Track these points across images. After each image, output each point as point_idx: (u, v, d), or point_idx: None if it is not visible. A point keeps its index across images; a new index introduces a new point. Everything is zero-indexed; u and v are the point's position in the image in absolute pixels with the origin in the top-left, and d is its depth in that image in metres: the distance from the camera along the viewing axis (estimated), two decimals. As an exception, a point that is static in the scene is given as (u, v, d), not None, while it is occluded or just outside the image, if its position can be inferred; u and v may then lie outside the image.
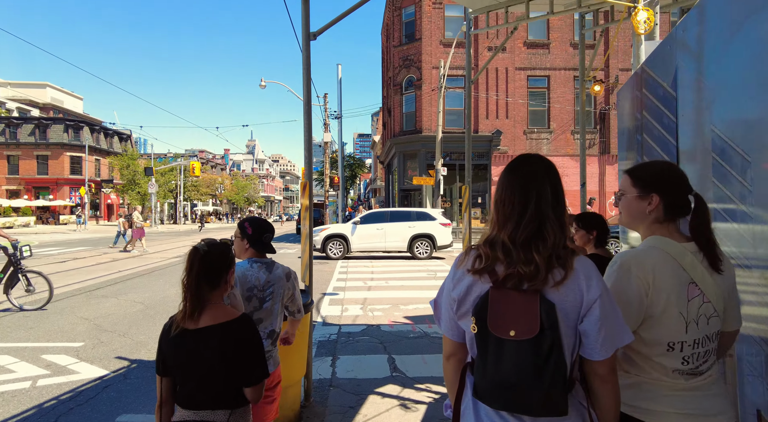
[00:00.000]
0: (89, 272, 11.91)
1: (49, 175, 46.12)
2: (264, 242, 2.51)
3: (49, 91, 70.39)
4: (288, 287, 2.53)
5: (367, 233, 15.00)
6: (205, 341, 1.67)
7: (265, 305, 2.42)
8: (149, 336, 5.97)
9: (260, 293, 2.41)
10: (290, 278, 2.56)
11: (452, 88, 20.94)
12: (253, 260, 2.48)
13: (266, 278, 2.44)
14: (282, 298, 2.50)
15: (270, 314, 2.44)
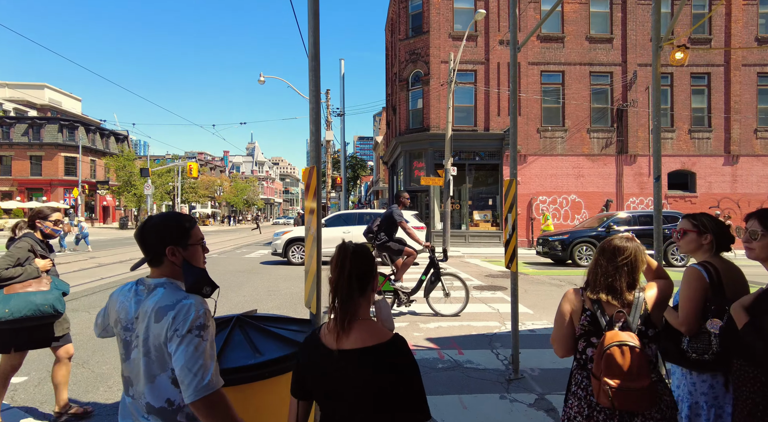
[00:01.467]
0: (66, 279, 10.58)
1: (42, 176, 45.00)
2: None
3: (47, 93, 69.42)
4: (158, 334, 1.51)
5: (333, 236, 13.65)
6: (354, 367, 1.36)
7: (133, 354, 1.57)
8: (114, 366, 4.80)
9: (125, 334, 1.60)
10: (164, 317, 1.49)
11: (463, 84, 19.82)
12: (141, 280, 1.66)
13: (136, 310, 1.58)
14: (149, 349, 1.52)
15: (137, 372, 1.57)
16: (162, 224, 1.62)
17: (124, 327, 1.57)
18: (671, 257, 13.75)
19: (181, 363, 1.42)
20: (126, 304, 1.58)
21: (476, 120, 20.20)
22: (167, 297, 1.51)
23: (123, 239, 26.52)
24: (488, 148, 20.15)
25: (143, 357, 1.50)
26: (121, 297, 1.62)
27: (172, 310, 1.47)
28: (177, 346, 1.43)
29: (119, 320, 1.59)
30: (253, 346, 2.44)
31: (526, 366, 4.86)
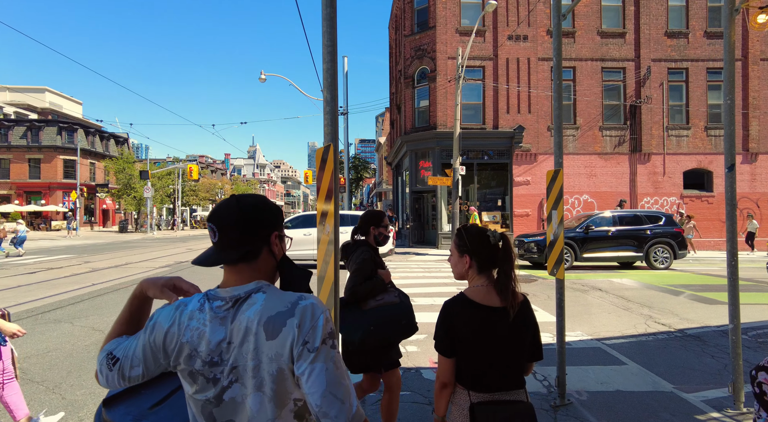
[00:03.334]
0: (55, 286, 10.06)
1: (41, 179, 44.40)
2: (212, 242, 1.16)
3: (47, 96, 69.11)
4: (277, 354, 1.07)
5: (295, 239, 13.22)
6: (516, 322, 1.73)
7: (229, 394, 1.08)
8: (90, 391, 4.10)
9: (211, 371, 1.08)
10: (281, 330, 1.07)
11: (471, 80, 19.14)
12: (210, 294, 1.15)
13: (224, 332, 1.09)
14: (263, 380, 1.07)
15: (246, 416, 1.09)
16: (263, 204, 1.18)
17: (209, 361, 1.06)
18: (653, 260, 13.01)
19: (323, 389, 1.01)
20: (202, 329, 1.07)
21: (485, 118, 19.51)
22: (274, 303, 1.08)
23: (121, 243, 25.85)
24: (497, 147, 19.44)
25: (254, 394, 1.05)
26: (188, 321, 1.09)
27: (292, 317, 1.05)
28: (310, 365, 1.02)
29: (196, 354, 1.07)
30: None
31: (569, 388, 4.16)
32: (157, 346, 1.11)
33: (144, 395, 1.78)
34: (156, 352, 1.11)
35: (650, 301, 8.35)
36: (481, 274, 1.84)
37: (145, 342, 1.12)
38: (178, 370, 1.13)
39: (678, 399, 3.94)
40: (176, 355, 1.10)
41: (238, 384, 1.07)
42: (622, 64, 19.82)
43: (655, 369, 4.70)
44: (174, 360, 1.11)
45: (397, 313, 2.85)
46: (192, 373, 1.09)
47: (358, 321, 2.80)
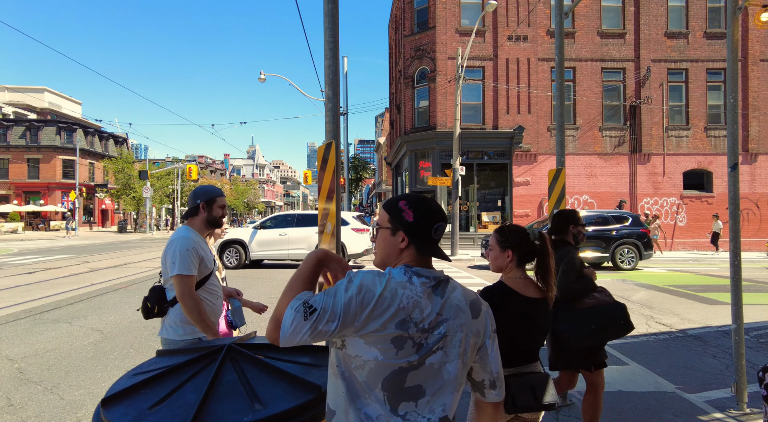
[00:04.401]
0: (54, 286, 10.02)
1: (40, 179, 44.32)
2: (434, 239, 1.33)
3: (47, 96, 68.92)
4: (478, 330, 1.32)
5: (269, 238, 13.36)
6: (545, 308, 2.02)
7: (431, 359, 1.22)
8: (89, 391, 4.07)
9: (421, 336, 1.21)
10: (480, 311, 1.33)
11: (471, 81, 19.12)
12: (413, 270, 1.29)
13: (435, 306, 1.24)
14: (466, 350, 1.28)
15: (440, 380, 1.25)
16: None
17: (421, 327, 1.20)
18: (619, 260, 13.02)
19: (498, 360, 1.36)
20: (416, 299, 1.21)
21: (484, 118, 19.50)
22: (467, 291, 1.33)
23: (120, 243, 25.79)
24: (497, 147, 19.43)
25: (457, 361, 1.24)
26: (404, 291, 1.21)
27: (483, 304, 1.35)
28: (493, 342, 1.35)
29: (409, 319, 1.19)
30: (250, 391, 1.72)
31: (571, 388, 4.13)
32: (365, 306, 1.18)
33: (144, 394, 1.76)
34: (359, 312, 1.18)
35: (651, 301, 8.33)
36: (519, 267, 2.09)
37: (350, 301, 1.18)
38: (368, 332, 1.18)
39: (680, 400, 3.92)
40: (388, 313, 1.18)
41: (442, 351, 1.22)
42: (622, 65, 19.82)
43: (656, 369, 4.68)
44: (386, 317, 1.18)
45: (617, 313, 2.84)
46: (400, 338, 1.18)
47: (576, 319, 2.80)
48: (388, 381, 1.20)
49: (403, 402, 1.21)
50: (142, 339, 5.75)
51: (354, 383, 1.23)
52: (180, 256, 2.34)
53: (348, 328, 1.20)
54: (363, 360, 1.20)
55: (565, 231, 3.11)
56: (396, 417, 1.20)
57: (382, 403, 1.20)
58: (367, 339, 1.19)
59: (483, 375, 1.34)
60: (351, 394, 1.23)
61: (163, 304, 2.52)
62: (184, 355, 2.09)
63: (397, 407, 1.21)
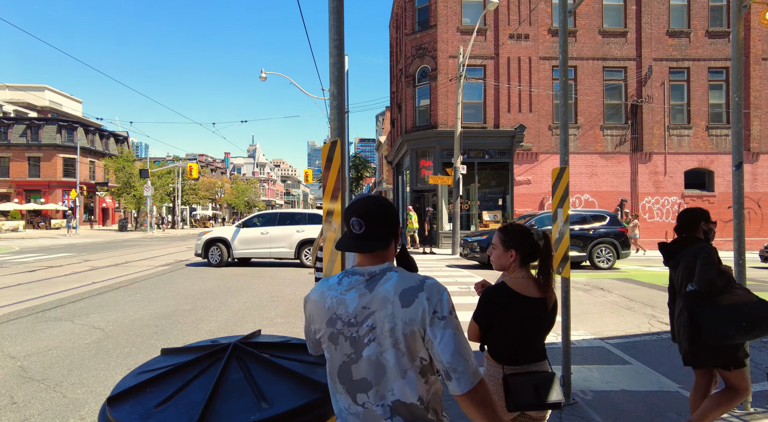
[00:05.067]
0: (55, 284, 10.02)
1: (41, 177, 44.34)
2: (353, 234, 1.41)
3: (47, 94, 68.84)
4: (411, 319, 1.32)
5: (251, 237, 13.66)
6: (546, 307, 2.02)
7: (366, 351, 1.32)
8: (91, 389, 4.06)
9: (351, 330, 1.34)
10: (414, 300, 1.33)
11: (472, 79, 19.10)
12: (348, 271, 1.43)
13: (362, 300, 1.35)
14: (398, 340, 1.31)
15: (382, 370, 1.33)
16: (389, 203, 1.45)
17: (347, 322, 1.32)
18: (596, 259, 13.01)
19: (452, 349, 1.25)
20: (341, 297, 1.34)
21: (486, 117, 19.47)
22: (406, 279, 1.33)
23: (120, 242, 25.79)
24: (498, 146, 19.42)
25: (391, 350, 1.28)
26: (329, 292, 1.37)
27: (422, 291, 1.30)
28: (442, 330, 1.27)
29: (336, 317, 1.34)
30: (257, 390, 1.71)
31: (574, 387, 4.13)
32: (308, 314, 1.43)
33: (150, 393, 1.75)
34: (308, 319, 1.43)
35: (653, 301, 8.32)
36: (522, 267, 2.10)
37: (304, 311, 1.45)
38: (318, 335, 1.39)
39: (684, 399, 3.91)
40: (322, 320, 1.36)
41: (375, 342, 1.29)
42: (624, 64, 19.79)
43: (659, 368, 4.67)
44: (319, 324, 1.37)
45: (765, 310, 2.73)
46: (332, 334, 1.33)
47: (725, 316, 2.70)
48: (341, 376, 1.35)
49: (358, 394, 1.32)
50: (144, 338, 5.75)
51: (329, 378, 1.41)
52: None
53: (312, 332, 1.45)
54: (326, 358, 1.40)
55: (695, 228, 3.07)
56: (357, 406, 1.33)
57: (344, 395, 1.35)
58: (320, 339, 1.40)
59: (438, 365, 1.29)
60: (330, 389, 1.42)
61: None
62: (189, 354, 2.08)
63: (355, 397, 1.33)
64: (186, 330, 6.13)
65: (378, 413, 1.30)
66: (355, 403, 1.33)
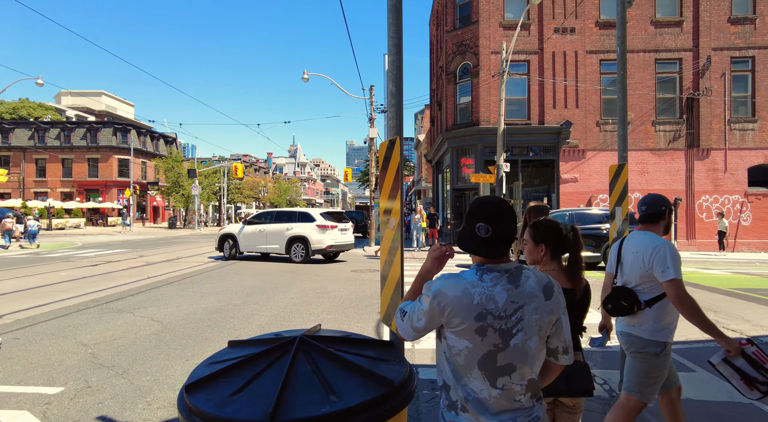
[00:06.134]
0: (115, 278, 10.62)
1: (99, 177, 47.13)
2: (481, 238, 1.54)
3: (104, 99, 73.20)
4: (552, 309, 1.56)
5: (252, 233, 14.76)
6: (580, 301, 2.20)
7: (514, 340, 1.49)
8: (155, 378, 4.27)
9: (500, 323, 1.48)
10: (553, 293, 1.57)
11: (515, 75, 18.67)
12: (483, 268, 1.55)
13: (509, 295, 1.49)
14: (541, 327, 1.54)
15: (524, 355, 1.52)
16: (511, 207, 1.62)
17: (497, 316, 1.46)
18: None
19: (570, 331, 1.61)
20: (488, 293, 1.48)
21: (530, 113, 18.99)
22: (540, 277, 1.55)
23: (170, 239, 27.02)
24: (543, 143, 18.89)
25: (535, 337, 1.50)
26: (474, 289, 1.48)
27: (555, 286, 1.57)
28: (566, 318, 1.59)
29: (487, 312, 1.47)
30: (325, 383, 1.74)
31: (634, 394, 3.94)
32: (443, 308, 1.49)
33: (223, 383, 1.82)
34: (440, 313, 1.51)
35: (716, 305, 7.85)
36: (553, 260, 2.23)
37: (430, 305, 1.51)
38: (453, 328, 1.49)
39: (760, 413, 3.65)
40: (469, 314, 1.46)
41: (522, 332, 1.47)
42: (678, 55, 18.75)
43: (727, 377, 4.38)
44: (465, 316, 1.46)
45: None
46: (481, 328, 1.45)
47: None
48: (482, 363, 1.47)
49: (500, 378, 1.48)
50: (199, 331, 5.99)
51: (456, 366, 1.52)
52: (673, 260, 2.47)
53: (436, 324, 1.55)
54: (458, 348, 1.49)
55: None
56: (496, 389, 1.48)
57: (482, 380, 1.48)
58: (456, 332, 1.49)
59: (557, 343, 1.58)
60: (455, 374, 1.53)
61: (638, 304, 2.63)
62: (256, 346, 2.14)
63: (495, 381, 1.48)
64: (238, 324, 6.34)
65: (516, 390, 1.50)
66: (494, 386, 1.49)
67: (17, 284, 9.63)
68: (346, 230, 14.80)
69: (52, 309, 7.17)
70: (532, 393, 1.53)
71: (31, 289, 9.07)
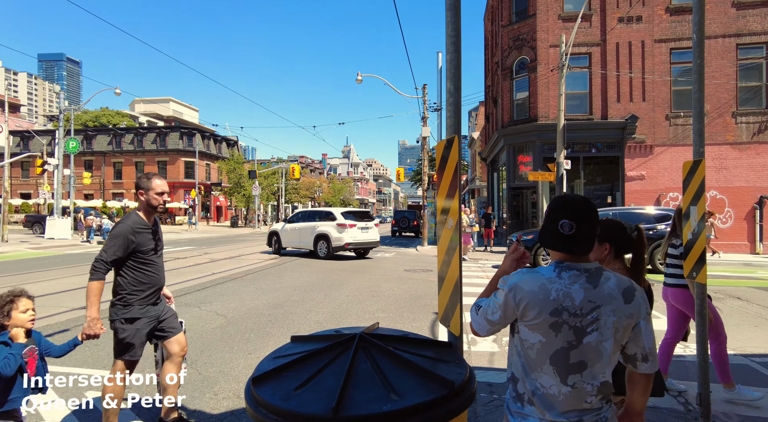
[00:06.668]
0: (183, 274, 11.31)
1: (167, 179, 50.36)
2: (564, 235, 1.53)
3: (171, 105, 78.22)
4: (631, 313, 1.53)
5: (290, 230, 16.00)
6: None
7: (587, 339, 1.49)
8: (220, 369, 4.50)
9: (576, 321, 1.48)
10: (634, 297, 1.54)
11: (576, 68, 17.86)
12: (563, 265, 1.56)
13: (587, 294, 1.50)
14: (618, 330, 1.51)
15: (599, 355, 1.51)
16: (594, 205, 1.62)
17: (573, 313, 1.48)
18: (657, 261, 11.25)
19: (652, 338, 1.55)
20: (566, 290, 1.49)
21: (592, 108, 18.09)
22: (622, 280, 1.54)
23: (232, 237, 28.38)
24: (606, 138, 17.93)
25: (611, 339, 1.49)
26: (552, 285, 1.51)
27: (636, 291, 1.53)
28: (647, 323, 1.54)
29: (563, 308, 1.48)
30: (385, 381, 1.74)
31: (714, 409, 3.64)
32: (519, 302, 1.51)
33: (287, 377, 1.87)
34: (515, 307, 1.53)
35: (807, 314, 7.09)
36: (616, 259, 2.25)
37: (505, 298, 1.55)
38: (528, 321, 1.50)
39: None
40: (544, 309, 1.47)
41: (597, 331, 1.47)
42: (765, 39, 17.09)
43: (825, 395, 3.95)
44: (538, 311, 1.48)
45: None
46: (556, 323, 1.47)
47: None
48: (554, 358, 1.49)
49: (571, 375, 1.49)
50: (260, 325, 6.24)
51: (527, 359, 1.54)
52: None
53: (510, 318, 1.57)
54: (531, 342, 1.52)
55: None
56: (566, 386, 1.49)
57: (552, 375, 1.50)
58: (530, 326, 1.51)
59: (636, 350, 1.54)
60: (525, 368, 1.55)
61: None
62: (317, 342, 2.19)
63: (566, 378, 1.49)
64: (297, 320, 6.54)
65: (587, 390, 1.50)
66: (564, 383, 1.50)
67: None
68: (367, 228, 15.27)
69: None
70: (603, 395, 1.53)
71: (109, 282, 9.84)
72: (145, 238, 3.15)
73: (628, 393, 1.66)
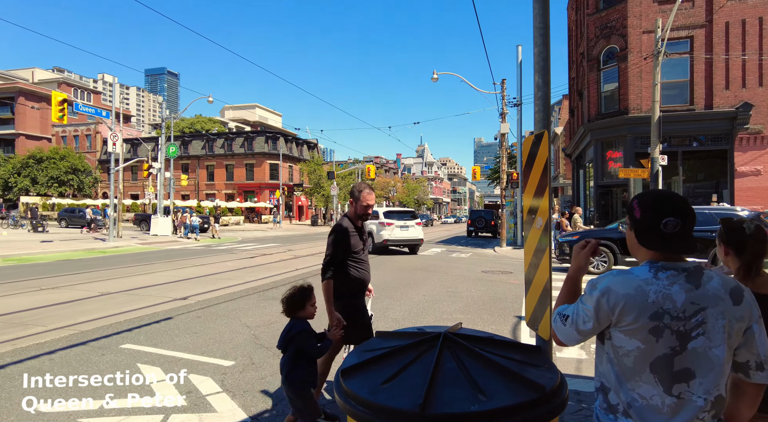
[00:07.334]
0: (269, 269, 12.02)
1: (254, 180, 53.91)
2: (667, 234, 1.41)
3: (257, 111, 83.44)
4: (741, 316, 1.39)
5: (377, 226, 16.49)
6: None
7: (693, 344, 1.37)
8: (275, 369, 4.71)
9: (678, 325, 1.37)
10: (743, 298, 1.40)
11: (675, 55, 16.28)
12: (658, 266, 1.44)
13: (689, 295, 1.38)
14: (730, 335, 1.38)
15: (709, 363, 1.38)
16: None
17: (675, 316, 1.37)
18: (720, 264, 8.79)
19: (766, 344, 1.39)
20: (665, 292, 1.38)
21: (693, 97, 16.38)
22: (726, 279, 1.42)
23: (313, 235, 29.62)
24: (711, 130, 16.14)
25: (722, 346, 1.36)
26: (650, 287, 1.39)
27: (745, 291, 1.40)
28: (760, 327, 1.40)
29: (663, 311, 1.37)
30: (472, 382, 1.73)
31: None
32: (613, 306, 1.40)
33: (373, 371, 1.92)
34: (609, 311, 1.41)
35: None
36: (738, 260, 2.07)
37: (597, 304, 1.43)
38: (623, 326, 1.39)
39: None
40: (643, 313, 1.36)
41: (704, 336, 1.35)
42: None
43: None
44: (636, 316, 1.37)
45: None
46: (656, 328, 1.35)
47: None
48: (656, 366, 1.36)
49: (676, 384, 1.35)
50: (341, 320, 6.44)
51: (622, 368, 1.42)
52: None
53: (604, 325, 1.44)
54: (627, 349, 1.40)
55: None
56: (670, 396, 1.35)
57: (654, 384, 1.37)
58: (626, 331, 1.39)
59: (748, 357, 1.38)
60: (619, 377, 1.43)
61: None
62: (401, 339, 2.22)
63: (670, 388, 1.36)
64: (376, 317, 6.64)
65: (698, 404, 1.35)
66: (668, 393, 1.37)
67: (196, 272, 11.51)
68: (407, 227, 16.18)
69: (222, 294, 8.41)
70: (716, 411, 1.38)
71: (205, 276, 10.76)
72: (355, 239, 3.51)
73: (730, 403, 1.47)
